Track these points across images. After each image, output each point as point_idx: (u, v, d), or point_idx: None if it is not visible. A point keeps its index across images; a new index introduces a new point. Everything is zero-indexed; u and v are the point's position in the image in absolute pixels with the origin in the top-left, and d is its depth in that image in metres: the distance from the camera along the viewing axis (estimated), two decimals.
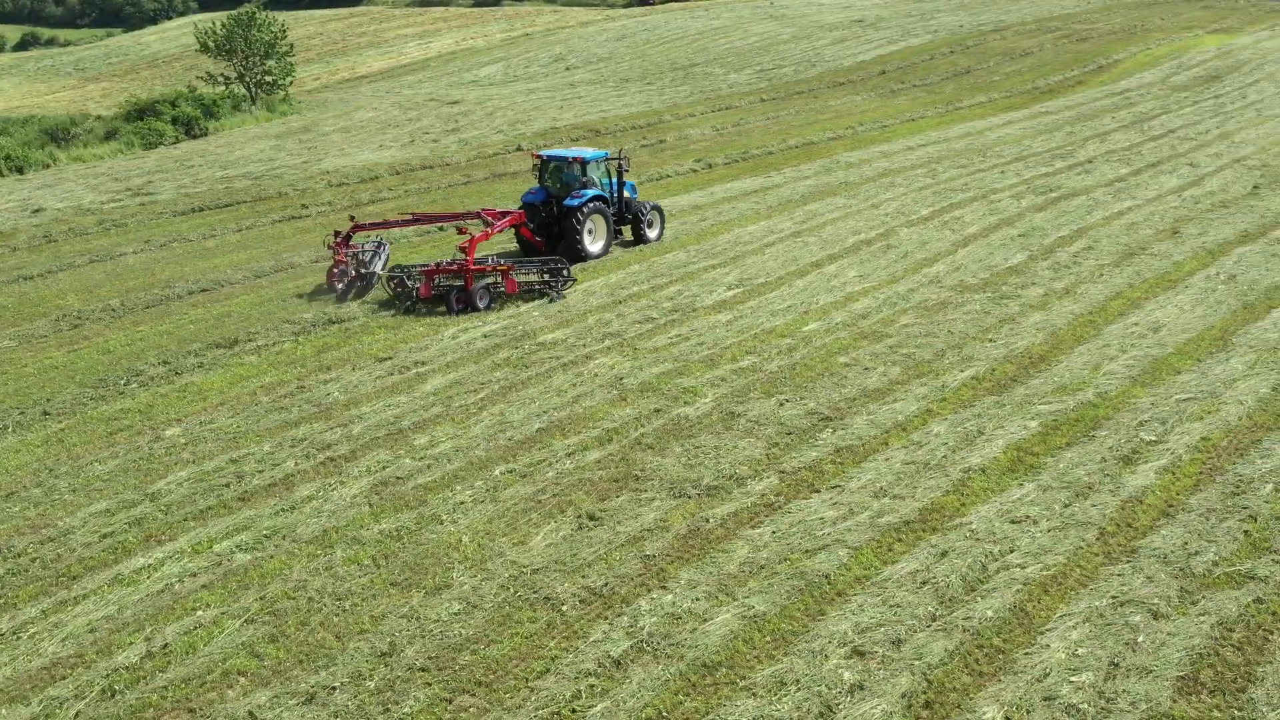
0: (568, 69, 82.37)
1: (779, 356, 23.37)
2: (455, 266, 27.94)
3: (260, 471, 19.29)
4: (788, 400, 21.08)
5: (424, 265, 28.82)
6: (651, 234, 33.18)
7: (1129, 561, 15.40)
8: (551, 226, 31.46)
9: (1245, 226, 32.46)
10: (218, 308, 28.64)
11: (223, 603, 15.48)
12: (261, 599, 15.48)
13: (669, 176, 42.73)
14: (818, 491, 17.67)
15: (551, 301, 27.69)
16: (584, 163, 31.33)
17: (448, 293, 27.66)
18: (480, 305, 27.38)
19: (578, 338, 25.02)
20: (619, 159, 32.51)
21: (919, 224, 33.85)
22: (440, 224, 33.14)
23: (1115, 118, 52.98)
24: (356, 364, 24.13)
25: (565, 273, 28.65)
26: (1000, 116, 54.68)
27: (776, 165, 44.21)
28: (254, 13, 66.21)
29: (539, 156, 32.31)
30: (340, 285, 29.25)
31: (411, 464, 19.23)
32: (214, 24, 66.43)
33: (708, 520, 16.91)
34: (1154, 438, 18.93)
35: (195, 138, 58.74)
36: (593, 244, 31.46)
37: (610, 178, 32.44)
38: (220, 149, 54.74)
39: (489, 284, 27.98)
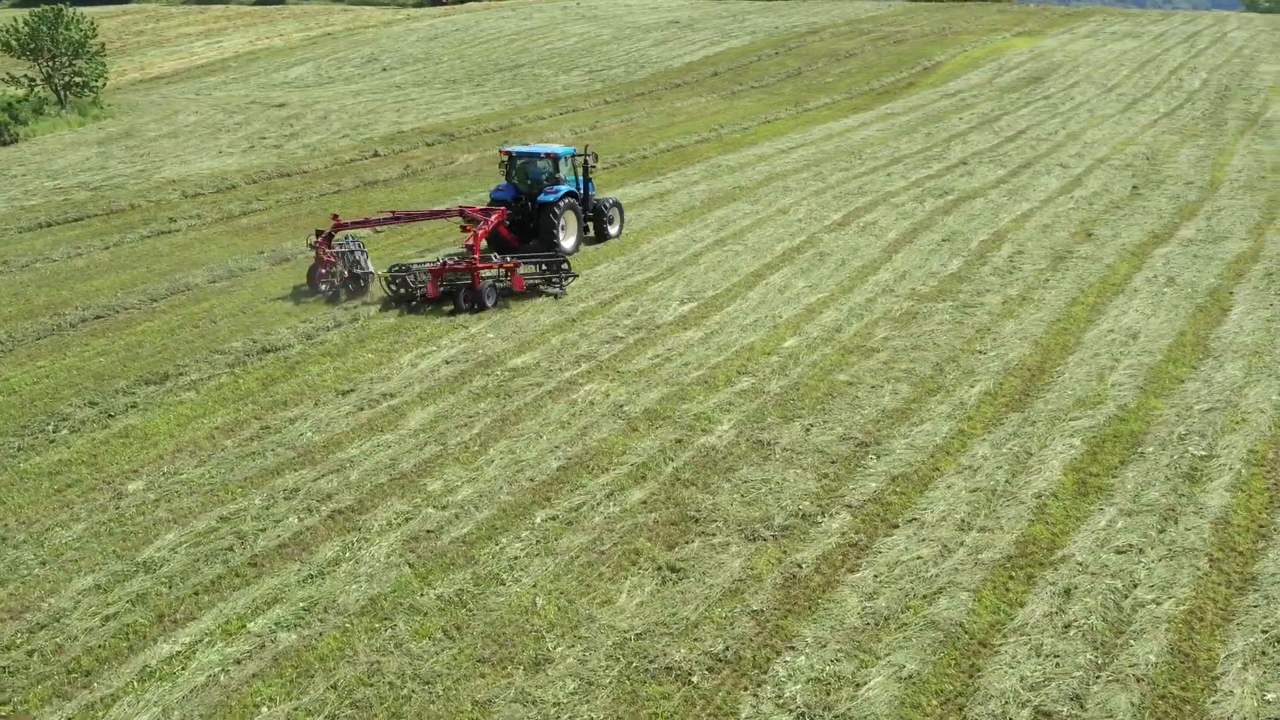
0: (385, 70, 79.19)
1: (775, 376, 22.07)
2: (464, 264, 26.86)
3: (263, 531, 16.93)
4: (812, 425, 19.80)
5: (427, 263, 27.97)
6: (613, 230, 32.70)
7: (1256, 591, 14.68)
8: (525, 223, 30.63)
9: (1150, 228, 32.79)
10: (122, 337, 25.60)
11: (289, 695, 13.27)
12: (334, 688, 13.34)
13: None
14: (896, 527, 16.45)
15: (557, 298, 27.24)
16: (556, 159, 30.85)
17: (456, 291, 26.69)
18: (489, 304, 26.61)
19: (550, 361, 23.18)
20: (585, 155, 31.78)
21: (837, 230, 33.09)
22: (391, 224, 31.07)
23: (962, 119, 53.65)
24: (316, 398, 21.74)
25: (565, 267, 28.01)
26: (852, 118, 54.73)
27: (658, 169, 42.91)
28: (60, 10, 61.08)
29: (507, 153, 31.47)
30: (325, 286, 27.78)
31: (436, 514, 17.17)
32: (16, 21, 61.03)
33: (800, 566, 15.49)
34: (1203, 452, 18.39)
35: (5, 144, 53.79)
36: (566, 240, 30.72)
37: (576, 174, 31.76)
38: (39, 157, 50.16)
39: (495, 281, 27.16)
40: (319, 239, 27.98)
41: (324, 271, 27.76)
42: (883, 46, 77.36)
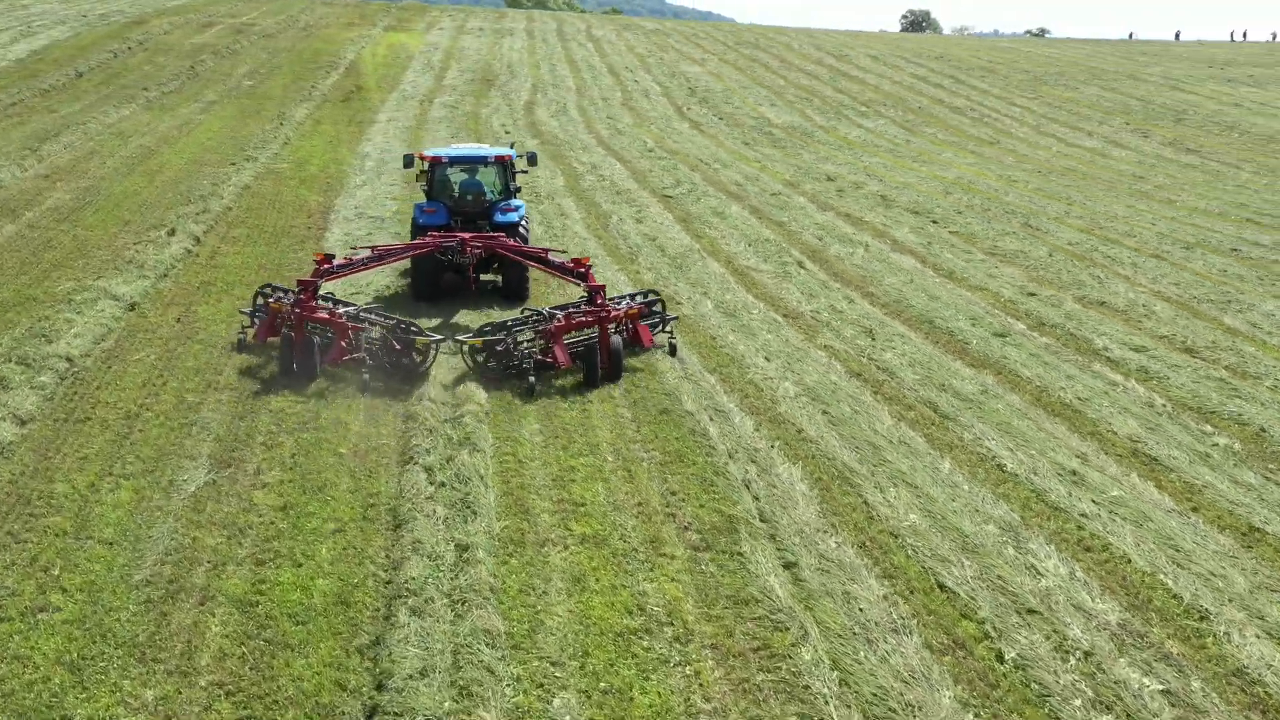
0: None
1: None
2: (591, 315, 17.41)
3: None
4: None
5: (523, 319, 17.82)
6: None
7: None
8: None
9: (1094, 277, 23.92)
10: None
11: None
12: None
13: (173, 270, 22.20)
14: None
15: (673, 353, 18.22)
16: (507, 164, 21.61)
17: (589, 354, 17.07)
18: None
19: None
20: (518, 157, 22.65)
21: (816, 345, 20.03)
22: None
23: (509, 133, 41.02)
24: None
25: (662, 308, 19.28)
26: (375, 136, 39.50)
27: (300, 234, 25.63)
28: None
29: (431, 158, 21.42)
30: (325, 363, 16.63)
31: None
32: None
33: None
34: None
35: None
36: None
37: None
38: None
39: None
40: (305, 293, 17.01)
41: (344, 345, 16.76)
42: (260, 43, 60.22)
